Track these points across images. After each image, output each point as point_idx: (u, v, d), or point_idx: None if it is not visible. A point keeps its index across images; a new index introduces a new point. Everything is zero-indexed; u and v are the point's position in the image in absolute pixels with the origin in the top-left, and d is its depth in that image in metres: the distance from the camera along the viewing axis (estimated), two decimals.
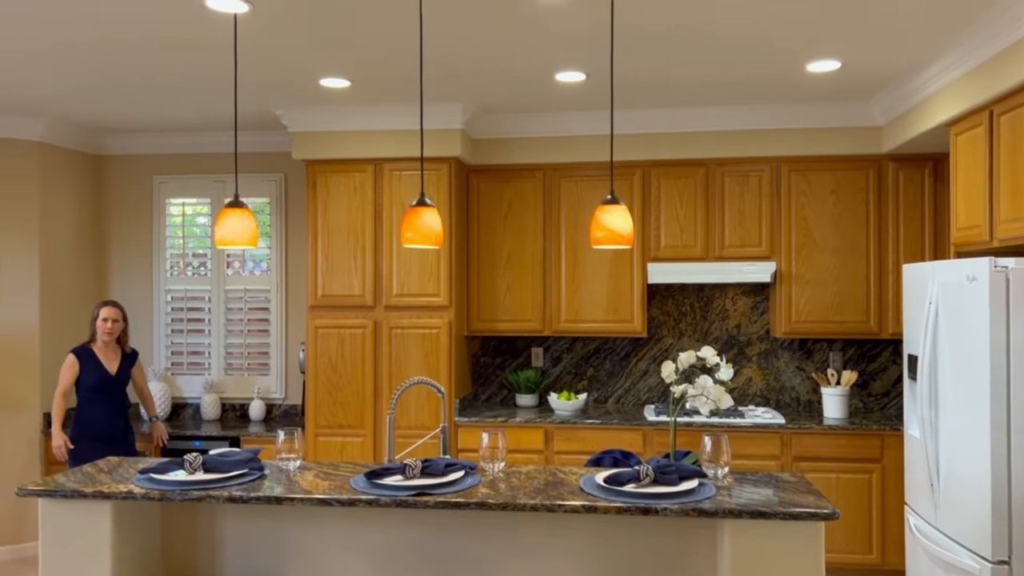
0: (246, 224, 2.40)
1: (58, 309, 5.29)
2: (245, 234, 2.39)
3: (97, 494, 2.27)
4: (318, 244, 4.92)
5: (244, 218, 2.41)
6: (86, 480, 2.42)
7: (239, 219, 2.39)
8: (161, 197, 5.67)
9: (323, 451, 4.89)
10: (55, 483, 2.38)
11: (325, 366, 4.92)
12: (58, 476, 2.47)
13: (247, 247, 2.43)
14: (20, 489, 2.33)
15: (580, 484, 2.40)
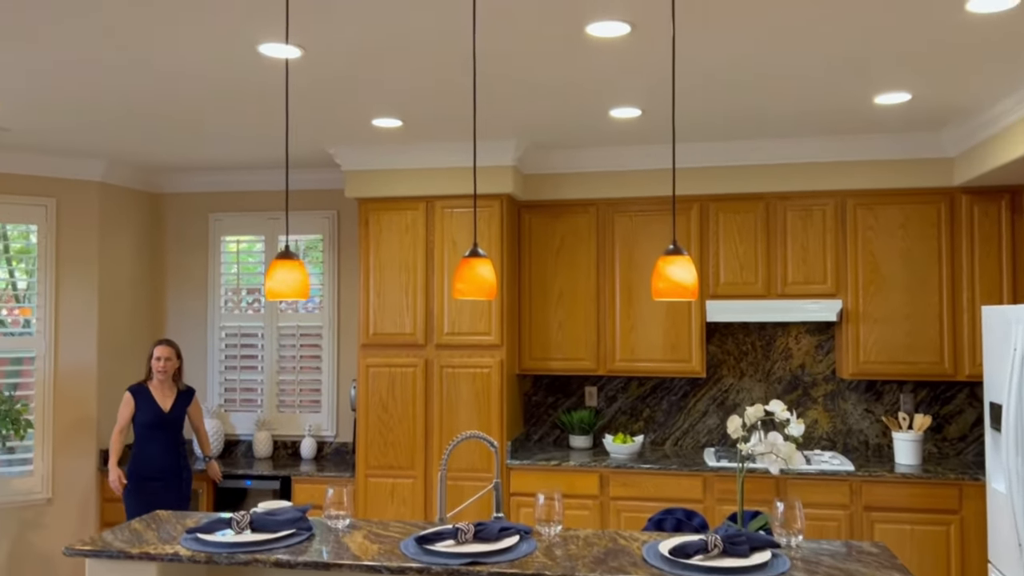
0: (296, 276, 2.34)
1: (115, 346, 5.34)
2: (295, 286, 2.33)
3: (143, 555, 2.22)
4: (370, 282, 4.88)
5: (294, 270, 2.35)
6: (133, 539, 2.37)
7: (289, 271, 2.33)
8: (216, 235, 5.71)
9: (373, 493, 4.81)
10: (102, 542, 2.33)
11: (376, 405, 4.85)
12: (106, 534, 2.42)
13: (297, 299, 2.37)
14: (67, 549, 2.29)
15: (643, 554, 2.26)
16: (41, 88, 3.51)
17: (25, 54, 3.05)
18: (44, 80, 3.40)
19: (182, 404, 4.70)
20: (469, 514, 4.70)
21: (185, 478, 4.67)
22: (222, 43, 2.93)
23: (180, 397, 4.70)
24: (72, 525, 5.06)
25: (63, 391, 5.07)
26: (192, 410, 4.81)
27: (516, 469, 4.69)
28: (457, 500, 4.72)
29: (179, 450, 4.65)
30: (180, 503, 4.65)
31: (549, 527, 2.39)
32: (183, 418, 4.70)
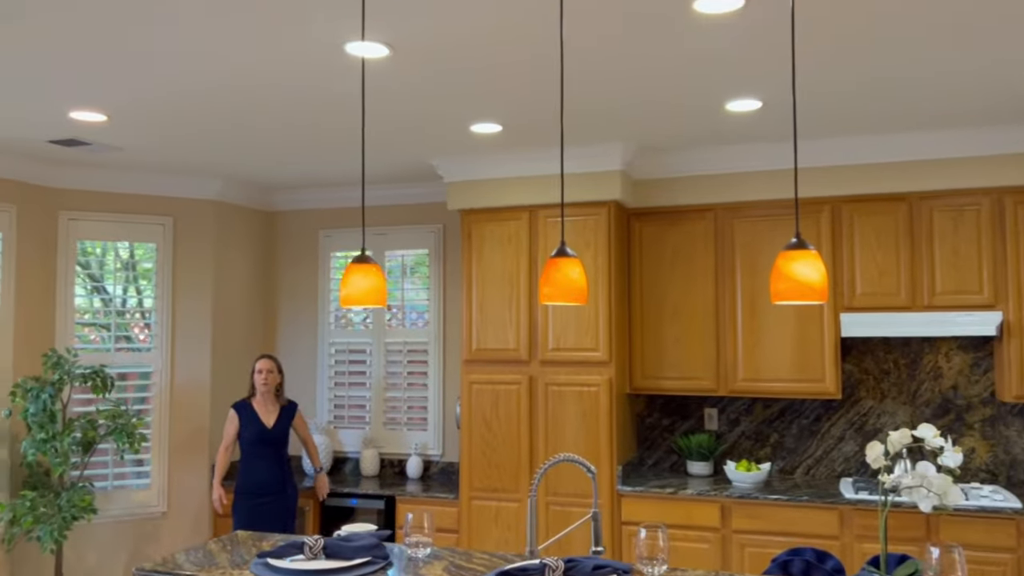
0: (372, 282, 2.15)
1: (229, 362, 5.40)
2: (372, 294, 2.14)
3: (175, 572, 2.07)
4: (472, 295, 4.70)
5: (369, 275, 2.16)
6: (204, 561, 2.24)
7: (364, 277, 2.14)
8: (326, 251, 5.71)
9: (477, 517, 4.59)
10: (173, 563, 2.21)
11: (479, 424, 4.64)
12: (178, 554, 2.31)
13: (374, 307, 2.18)
14: (137, 569, 2.18)
15: None
16: (153, 107, 3.55)
17: (136, 74, 3.07)
18: (156, 99, 3.42)
19: (285, 419, 4.66)
20: (572, 545, 4.39)
21: (290, 494, 4.61)
22: (311, 46, 2.83)
23: (283, 412, 4.66)
24: (185, 539, 5.11)
25: (179, 406, 5.15)
26: (297, 423, 4.76)
27: (628, 496, 4.35)
28: (564, 526, 4.42)
29: (283, 466, 4.60)
30: (285, 519, 4.59)
31: (652, 566, 2.07)
32: (287, 433, 4.66)
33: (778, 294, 1.89)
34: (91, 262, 5.11)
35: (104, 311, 5.14)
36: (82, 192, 4.95)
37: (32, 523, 4.22)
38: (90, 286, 5.11)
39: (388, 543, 2.38)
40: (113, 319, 5.07)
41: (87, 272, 5.10)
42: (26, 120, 3.79)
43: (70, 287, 4.91)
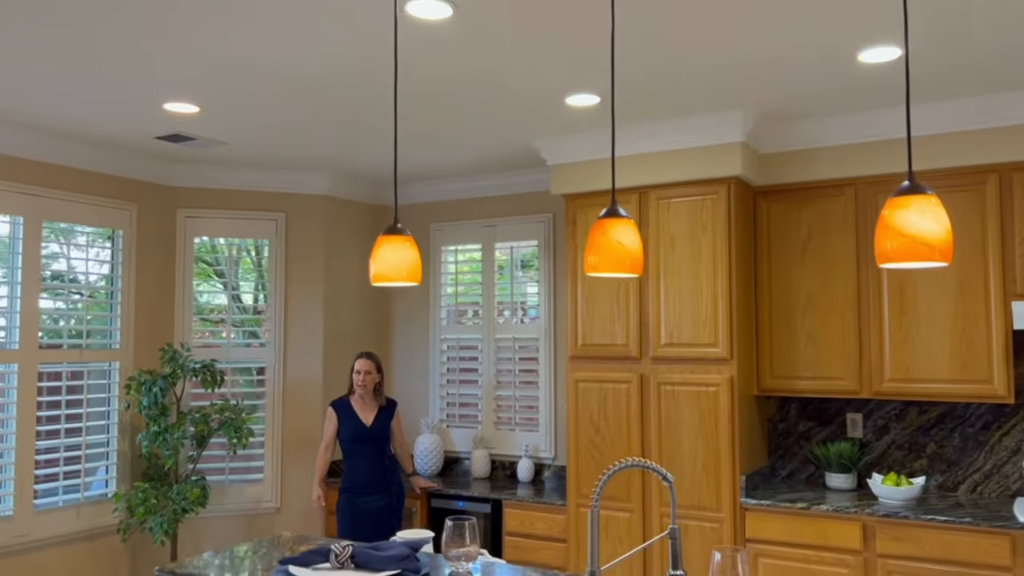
0: (403, 256, 1.88)
1: (341, 358, 5.34)
2: (404, 269, 1.87)
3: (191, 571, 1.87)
4: (578, 287, 4.35)
5: (400, 248, 1.89)
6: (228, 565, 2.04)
7: (395, 250, 1.87)
8: (437, 245, 5.55)
9: (586, 526, 4.22)
10: (194, 566, 2.03)
11: (586, 425, 4.28)
12: (207, 555, 2.14)
13: (407, 283, 1.91)
14: (159, 569, 2.01)
15: None
16: (248, 99, 3.48)
17: (232, 66, 2.99)
18: (251, 91, 3.35)
19: (384, 418, 4.50)
20: (651, 566, 3.93)
21: (395, 492, 4.46)
22: (404, 27, 2.61)
23: (382, 411, 4.51)
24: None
25: (291, 402, 5.14)
26: (394, 424, 4.61)
27: (753, 511, 3.84)
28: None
29: (385, 464, 4.45)
30: (390, 519, 4.43)
31: None
32: (387, 432, 4.51)
33: (884, 255, 1.43)
34: (209, 259, 5.20)
35: (221, 307, 5.22)
36: (198, 190, 5.04)
37: (144, 514, 4.29)
38: (208, 282, 5.20)
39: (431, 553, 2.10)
40: (229, 315, 5.14)
41: (205, 268, 5.20)
42: (123, 113, 3.84)
43: (188, 283, 5.01)
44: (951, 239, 1.45)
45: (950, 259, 1.39)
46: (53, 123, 4.00)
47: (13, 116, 3.88)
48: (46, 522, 4.23)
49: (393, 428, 4.61)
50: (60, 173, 4.40)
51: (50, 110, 3.77)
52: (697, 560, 3.92)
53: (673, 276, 4.07)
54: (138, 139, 4.31)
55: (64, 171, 4.41)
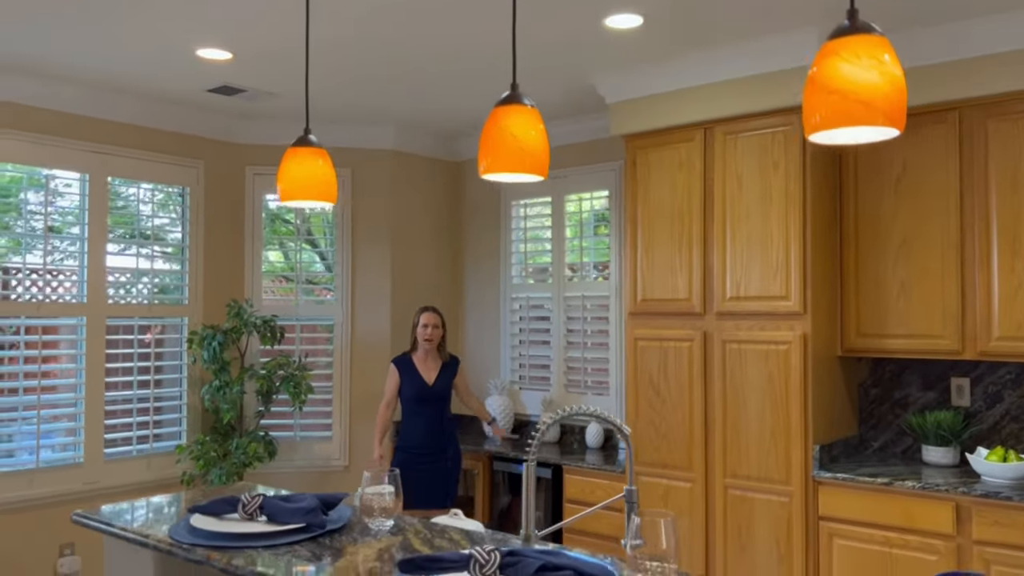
0: (313, 171, 1.64)
1: (409, 317, 5.21)
2: (313, 186, 1.64)
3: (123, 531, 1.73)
4: (637, 236, 3.98)
5: (310, 162, 1.65)
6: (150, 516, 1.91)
7: (302, 164, 1.64)
8: (507, 199, 5.30)
9: (645, 495, 3.89)
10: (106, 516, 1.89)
11: (646, 387, 3.93)
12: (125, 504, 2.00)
13: (319, 203, 1.68)
14: (75, 514, 1.91)
15: None
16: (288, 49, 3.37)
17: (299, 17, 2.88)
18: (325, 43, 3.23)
19: (447, 376, 4.33)
20: (713, 537, 3.51)
21: (451, 455, 4.28)
22: None
23: (444, 369, 4.33)
24: None
25: (359, 359, 5.07)
26: (458, 381, 4.42)
27: (827, 485, 3.38)
28: (744, 515, 3.57)
29: (444, 426, 4.28)
30: (446, 483, 4.27)
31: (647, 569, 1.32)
32: (448, 392, 4.33)
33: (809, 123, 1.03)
34: (278, 216, 5.20)
35: (290, 264, 5.21)
36: (264, 147, 5.03)
37: (203, 466, 4.34)
38: (277, 239, 5.20)
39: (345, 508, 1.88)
40: (297, 271, 5.12)
41: (274, 225, 5.20)
42: (157, 60, 3.81)
43: (257, 240, 5.03)
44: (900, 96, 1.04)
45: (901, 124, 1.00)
46: (109, 79, 4.05)
47: (74, 73, 3.95)
48: (116, 470, 4.37)
49: (458, 385, 4.41)
50: (126, 131, 4.48)
51: (101, 64, 3.81)
52: (763, 540, 3.50)
53: (740, 221, 3.63)
54: (192, 94, 4.31)
55: (130, 128, 4.49)
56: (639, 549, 1.31)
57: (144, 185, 4.60)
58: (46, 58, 3.72)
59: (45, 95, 4.11)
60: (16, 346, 4.09)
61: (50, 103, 4.15)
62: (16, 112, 4.05)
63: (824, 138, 1.12)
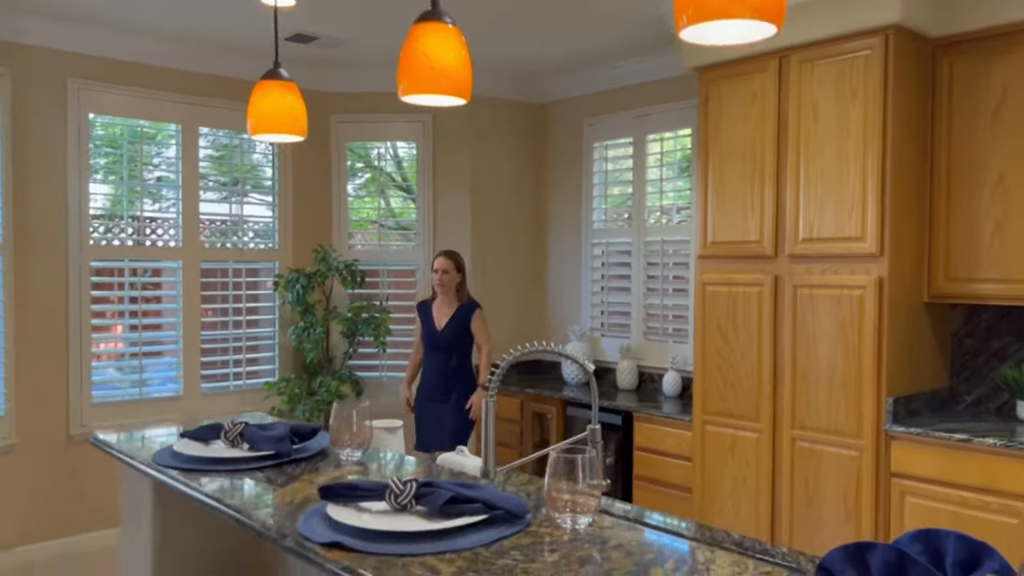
0: (281, 104, 1.65)
1: (490, 262, 5.24)
2: (282, 119, 1.65)
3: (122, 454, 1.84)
4: (708, 175, 3.78)
5: (277, 95, 1.66)
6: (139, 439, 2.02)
7: (267, 97, 1.65)
8: (589, 142, 5.17)
9: (712, 446, 3.77)
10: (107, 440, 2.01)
11: (714, 334, 3.77)
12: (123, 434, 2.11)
13: (289, 137, 1.68)
14: (93, 437, 2.05)
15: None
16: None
17: None
18: None
19: (457, 322, 4.22)
20: (780, 486, 3.33)
21: (456, 403, 4.20)
22: None
23: (456, 314, 4.23)
24: None
25: None
26: (475, 327, 4.24)
27: (900, 440, 3.14)
28: (812, 469, 3.39)
29: (448, 373, 4.21)
30: (456, 431, 4.18)
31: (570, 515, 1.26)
32: (457, 338, 4.22)
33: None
34: (362, 162, 5.31)
35: (373, 209, 5.33)
36: (348, 95, 5.12)
37: (289, 402, 4.58)
38: (362, 185, 5.33)
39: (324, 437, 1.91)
40: (382, 217, 5.23)
41: (360, 171, 5.32)
42: (228, 10, 3.93)
43: (343, 187, 5.16)
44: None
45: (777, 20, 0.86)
46: (192, 32, 4.23)
47: (161, 27, 4.15)
48: (212, 403, 4.68)
49: (475, 333, 4.25)
50: (214, 82, 4.67)
51: (182, 16, 3.97)
52: (830, 496, 3.31)
53: (814, 156, 3.37)
54: (271, 44, 4.43)
55: (218, 80, 4.69)
56: (556, 485, 1.26)
57: (236, 135, 4.80)
58: (133, 12, 3.92)
59: (138, 50, 4.34)
60: (122, 287, 4.43)
61: (143, 57, 4.38)
62: (114, 68, 4.30)
63: (695, 36, 1.01)
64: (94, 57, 4.24)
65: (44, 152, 4.10)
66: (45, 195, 4.11)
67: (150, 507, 1.84)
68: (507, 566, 1.12)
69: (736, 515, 3.65)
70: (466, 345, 4.25)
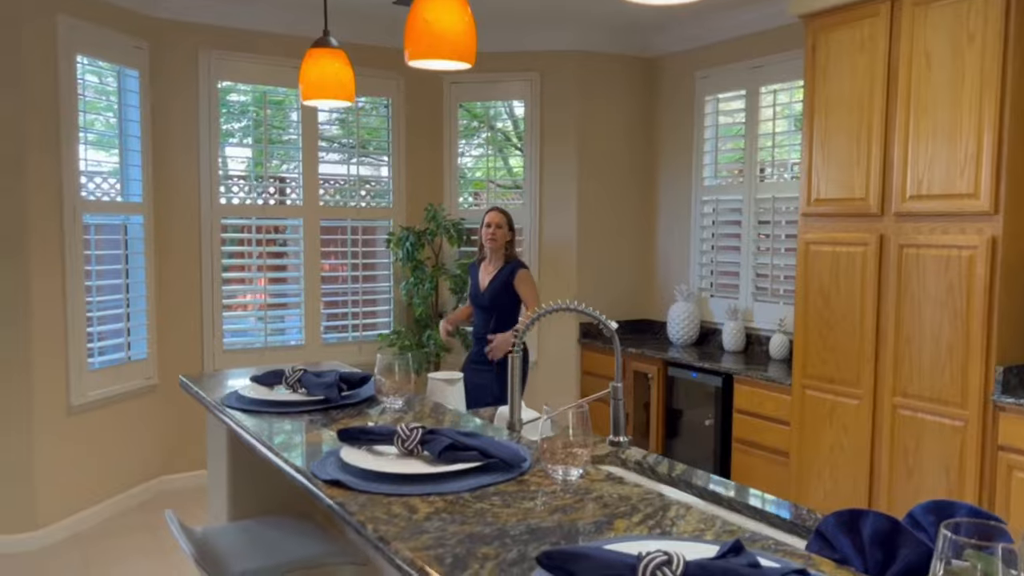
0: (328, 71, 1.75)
1: (598, 221, 5.23)
2: (331, 86, 1.75)
3: (200, 396, 2.05)
4: (813, 127, 3.61)
5: (325, 62, 1.76)
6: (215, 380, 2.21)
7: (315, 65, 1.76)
8: (701, 95, 5.02)
9: (810, 411, 3.65)
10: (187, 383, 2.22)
11: (815, 295, 3.63)
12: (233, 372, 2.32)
13: (337, 102, 1.78)
14: (183, 377, 2.27)
15: None
16: None
17: None
18: None
19: (500, 281, 3.96)
20: (879, 454, 3.16)
21: (492, 368, 3.94)
22: None
23: (499, 273, 3.97)
24: (555, 388, 5.24)
25: (547, 263, 5.22)
26: (520, 287, 3.97)
27: (1010, 411, 2.94)
28: (912, 438, 3.23)
29: (489, 332, 3.97)
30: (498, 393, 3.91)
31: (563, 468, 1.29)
32: (497, 299, 3.97)
33: None
34: (471, 122, 5.42)
35: (483, 169, 5.44)
36: None
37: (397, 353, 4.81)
38: (471, 145, 5.44)
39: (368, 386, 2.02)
40: (487, 176, 5.34)
41: (474, 132, 5.44)
42: None
43: (453, 147, 5.30)
44: None
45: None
46: (312, 1, 4.44)
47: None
48: (332, 352, 5.00)
49: (520, 291, 3.97)
50: None
51: None
52: (932, 467, 3.15)
53: (926, 107, 3.14)
54: (382, 7, 4.58)
55: None
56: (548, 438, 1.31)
57: None
58: None
59: (264, 19, 4.61)
60: (250, 243, 4.79)
61: (270, 26, 4.64)
62: (241, 37, 4.60)
63: None
64: (223, 28, 4.54)
65: (179, 119, 4.47)
66: (180, 159, 4.49)
67: (225, 445, 2.04)
68: (481, 509, 1.19)
69: (833, 482, 3.54)
70: (507, 307, 3.98)
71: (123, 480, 4.26)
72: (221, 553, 1.80)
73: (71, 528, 3.90)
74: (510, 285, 3.95)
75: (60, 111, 3.76)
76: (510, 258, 4.02)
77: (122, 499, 4.24)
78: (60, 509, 3.85)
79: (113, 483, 4.19)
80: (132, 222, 4.30)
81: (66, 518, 3.88)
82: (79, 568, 3.50)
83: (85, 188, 3.99)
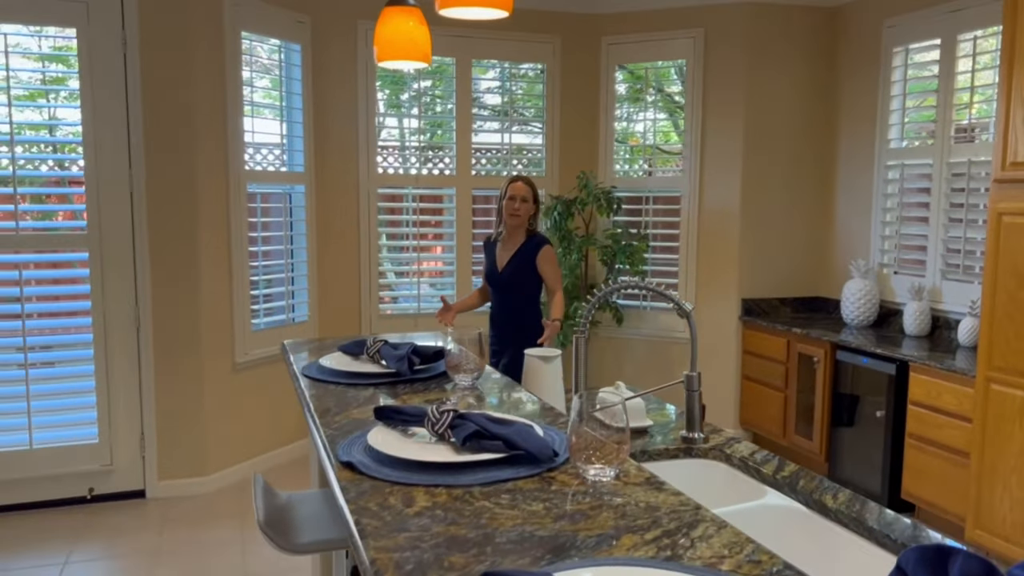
0: (401, 31, 1.67)
1: (764, 189, 4.84)
2: (405, 47, 1.67)
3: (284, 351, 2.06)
4: (1011, 82, 3.07)
5: (402, 23, 1.68)
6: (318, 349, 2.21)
7: (388, 24, 1.68)
8: (888, 47, 4.46)
9: (996, 407, 3.16)
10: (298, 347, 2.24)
11: (1007, 275, 3.12)
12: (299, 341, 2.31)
13: (414, 63, 1.68)
14: (284, 343, 2.31)
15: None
16: None
17: None
18: None
19: (521, 260, 3.52)
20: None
21: (510, 355, 3.53)
22: None
23: (520, 252, 3.53)
24: (718, 376, 4.96)
25: (706, 234, 4.91)
26: (543, 266, 3.52)
27: None
28: (997, 422, 2.69)
29: (509, 319, 3.57)
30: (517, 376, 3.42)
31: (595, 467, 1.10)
32: (517, 279, 3.54)
33: None
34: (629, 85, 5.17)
35: (638, 134, 5.18)
36: (618, 15, 4.99)
37: None
38: (627, 110, 5.20)
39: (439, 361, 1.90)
40: (644, 142, 5.08)
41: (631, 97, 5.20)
42: None
43: (609, 112, 5.10)
44: None
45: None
46: None
47: None
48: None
49: (541, 269, 3.53)
50: None
51: None
52: None
53: None
54: None
55: None
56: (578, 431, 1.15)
57: (514, 65, 4.96)
58: None
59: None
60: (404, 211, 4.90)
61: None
62: None
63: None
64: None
65: (338, 90, 4.62)
66: (339, 129, 4.65)
67: None
68: (481, 509, 1.06)
69: (1021, 490, 3.04)
70: (528, 288, 3.56)
71: (282, 436, 4.53)
72: (297, 521, 1.81)
73: (234, 476, 4.20)
74: (532, 263, 3.51)
75: (227, 86, 3.99)
76: (532, 233, 3.57)
77: (283, 452, 4.52)
78: (226, 458, 4.16)
79: (272, 438, 4.47)
80: (295, 191, 4.51)
81: (230, 467, 4.19)
82: (243, 515, 3.77)
83: (252, 159, 4.22)
